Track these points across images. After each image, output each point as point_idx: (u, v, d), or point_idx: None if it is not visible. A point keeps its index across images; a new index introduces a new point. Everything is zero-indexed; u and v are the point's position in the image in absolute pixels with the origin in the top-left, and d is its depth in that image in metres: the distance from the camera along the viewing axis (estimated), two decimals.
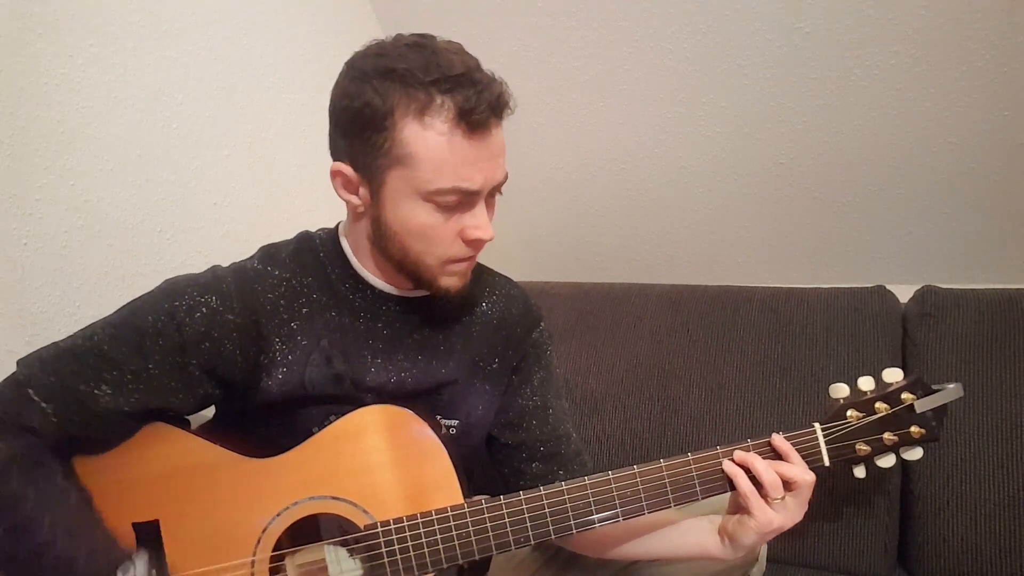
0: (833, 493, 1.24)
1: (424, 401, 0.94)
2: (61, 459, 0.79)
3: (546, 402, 1.02)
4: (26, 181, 0.96)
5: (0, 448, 0.74)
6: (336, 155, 0.85)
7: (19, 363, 0.80)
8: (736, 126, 1.50)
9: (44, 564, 0.72)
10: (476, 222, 0.83)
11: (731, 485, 0.88)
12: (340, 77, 0.83)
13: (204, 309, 0.82)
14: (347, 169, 0.83)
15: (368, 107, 0.78)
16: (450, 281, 0.87)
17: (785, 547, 1.26)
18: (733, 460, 0.88)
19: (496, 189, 0.85)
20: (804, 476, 0.86)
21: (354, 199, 0.85)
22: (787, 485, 0.86)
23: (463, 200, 0.81)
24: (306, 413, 0.89)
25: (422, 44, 0.80)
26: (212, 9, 1.24)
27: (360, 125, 0.79)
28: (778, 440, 0.89)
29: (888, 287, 1.36)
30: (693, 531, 0.94)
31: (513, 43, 1.52)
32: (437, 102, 0.77)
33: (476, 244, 0.84)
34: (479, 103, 0.77)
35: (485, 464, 1.07)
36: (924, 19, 1.24)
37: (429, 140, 0.77)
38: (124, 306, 0.85)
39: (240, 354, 0.84)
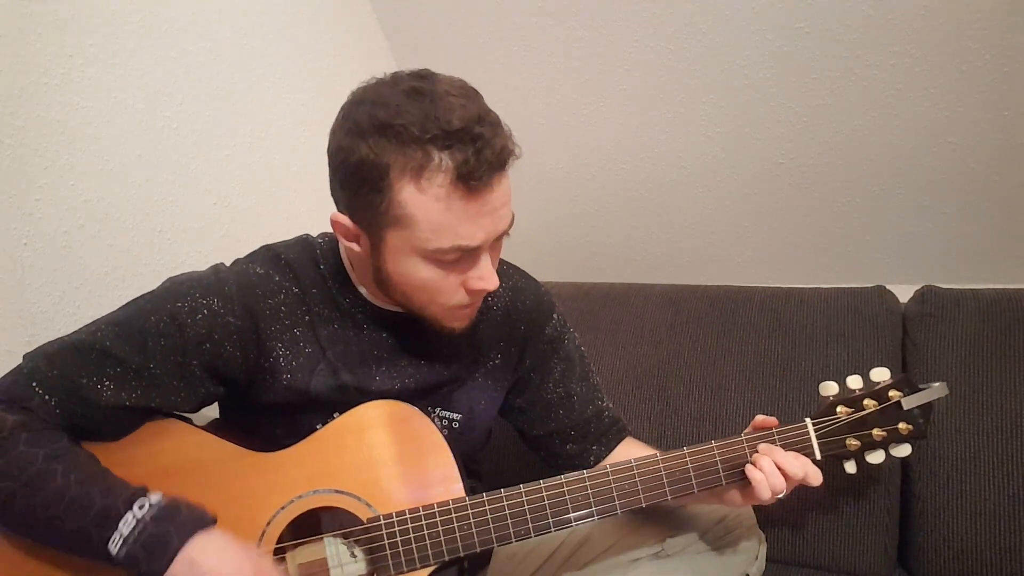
0: (833, 493, 1.24)
1: (426, 397, 0.94)
2: (66, 432, 0.80)
3: (570, 391, 1.02)
4: (26, 181, 0.96)
5: (6, 418, 0.76)
6: (336, 203, 0.84)
7: (25, 357, 0.82)
8: (736, 126, 1.50)
9: (60, 507, 0.73)
10: (479, 274, 0.81)
11: (727, 478, 0.90)
12: (336, 124, 0.80)
13: (206, 311, 0.83)
14: (346, 221, 0.81)
15: (363, 165, 0.75)
16: (455, 323, 0.87)
17: (785, 547, 1.26)
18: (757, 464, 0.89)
19: (501, 237, 0.83)
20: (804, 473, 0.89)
21: (355, 247, 0.84)
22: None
23: (465, 255, 0.80)
24: (310, 412, 0.89)
25: (421, 91, 0.75)
26: (212, 9, 1.24)
27: (357, 182, 0.77)
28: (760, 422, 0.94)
29: (888, 287, 1.35)
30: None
31: (513, 43, 1.52)
32: (435, 161, 0.73)
33: (479, 293, 0.84)
34: (479, 164, 0.73)
35: (487, 458, 1.08)
36: (924, 19, 1.24)
37: (426, 203, 0.75)
38: (127, 304, 0.86)
39: (240, 356, 0.85)
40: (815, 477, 0.89)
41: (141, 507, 0.74)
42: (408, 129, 0.73)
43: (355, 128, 0.76)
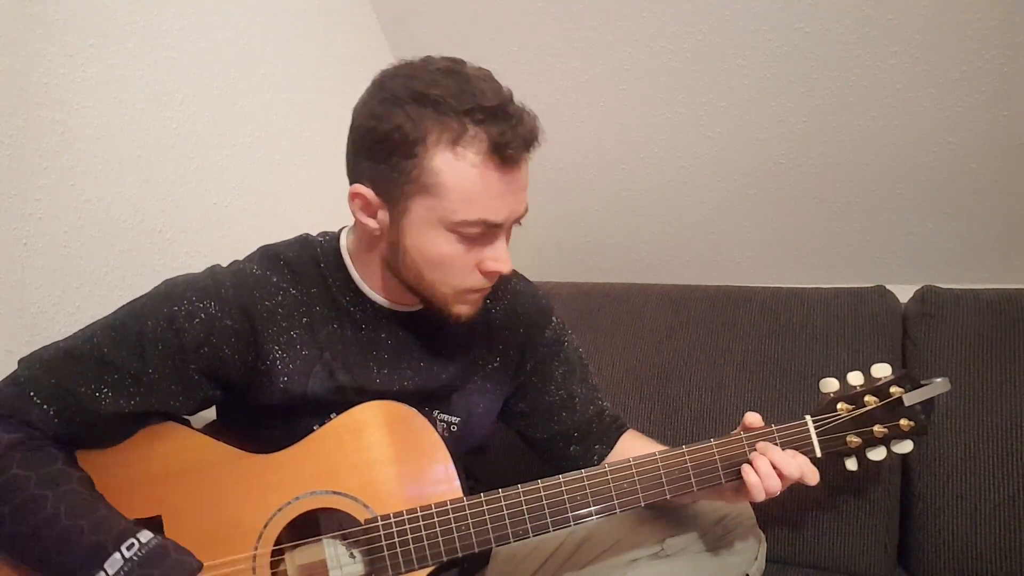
0: (833, 493, 1.24)
1: (425, 400, 0.94)
2: (62, 448, 0.80)
3: (571, 392, 1.03)
4: (26, 181, 0.96)
5: (1, 437, 0.75)
6: (356, 177, 0.83)
7: (20, 363, 0.81)
8: (736, 126, 1.50)
9: (48, 538, 0.73)
10: (496, 254, 0.82)
11: (726, 476, 0.90)
12: (367, 96, 0.81)
13: (203, 315, 0.83)
14: (368, 192, 0.81)
15: (398, 132, 0.76)
16: (462, 309, 0.87)
17: (785, 547, 1.26)
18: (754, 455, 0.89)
19: (516, 221, 0.84)
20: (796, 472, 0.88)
21: (371, 223, 0.83)
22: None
23: (486, 232, 0.81)
24: (308, 414, 0.89)
25: (454, 70, 0.78)
26: (212, 9, 1.24)
27: (388, 149, 0.78)
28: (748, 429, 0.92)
29: (888, 287, 1.35)
30: None
31: (513, 43, 1.52)
32: (471, 133, 0.76)
33: (493, 276, 0.84)
34: (514, 138, 0.76)
35: (487, 461, 1.08)
36: (924, 19, 1.24)
37: (461, 171, 0.76)
38: (123, 307, 0.85)
39: (238, 358, 0.85)
40: (812, 476, 0.89)
41: (129, 548, 0.73)
42: (445, 99, 0.76)
43: (391, 98, 0.78)
